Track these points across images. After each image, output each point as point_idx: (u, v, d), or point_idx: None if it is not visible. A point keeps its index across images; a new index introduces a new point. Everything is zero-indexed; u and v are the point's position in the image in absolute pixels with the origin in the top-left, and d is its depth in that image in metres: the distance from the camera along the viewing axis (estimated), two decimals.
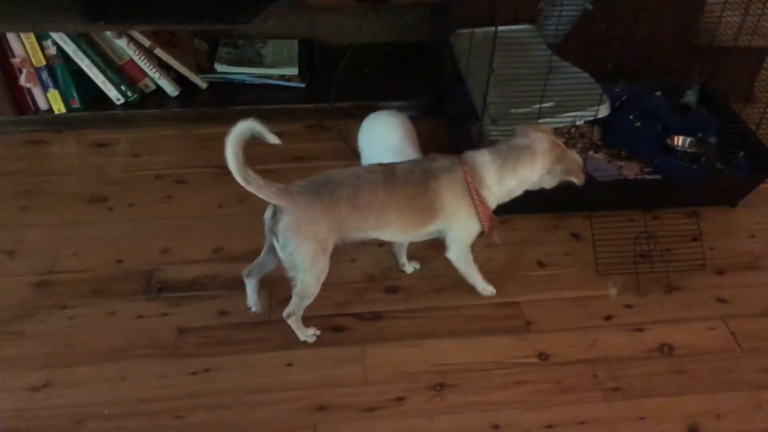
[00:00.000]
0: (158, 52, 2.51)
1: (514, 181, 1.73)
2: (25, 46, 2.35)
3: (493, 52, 1.78)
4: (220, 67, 2.66)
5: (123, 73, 2.50)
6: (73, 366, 1.73)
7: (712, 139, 2.37)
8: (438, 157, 1.74)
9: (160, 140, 2.51)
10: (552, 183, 1.77)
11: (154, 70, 2.52)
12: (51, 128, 2.51)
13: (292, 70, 2.68)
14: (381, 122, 2.15)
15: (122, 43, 2.44)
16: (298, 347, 1.79)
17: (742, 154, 2.27)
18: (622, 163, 2.32)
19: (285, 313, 1.75)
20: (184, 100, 2.60)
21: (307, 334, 1.80)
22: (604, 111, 2.11)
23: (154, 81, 2.56)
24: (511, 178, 1.72)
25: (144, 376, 1.72)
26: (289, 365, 1.75)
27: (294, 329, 1.78)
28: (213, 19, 2.22)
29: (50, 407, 1.64)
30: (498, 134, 1.92)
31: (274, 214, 1.62)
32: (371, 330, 1.85)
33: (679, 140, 2.37)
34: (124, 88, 2.50)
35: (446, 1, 2.39)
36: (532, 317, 1.89)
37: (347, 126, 2.56)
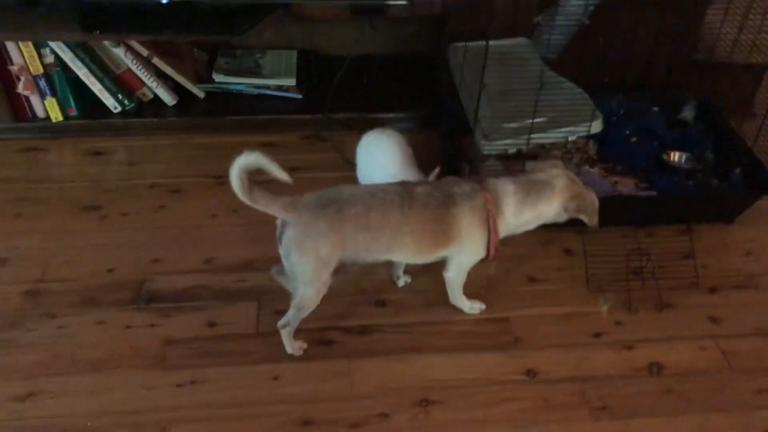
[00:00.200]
0: (156, 61, 2.52)
1: (531, 215, 1.73)
2: (23, 54, 2.36)
3: (484, 67, 1.78)
4: (218, 77, 2.67)
5: (121, 82, 2.51)
6: (59, 376, 1.73)
7: (709, 155, 2.36)
8: (460, 182, 1.73)
9: (157, 149, 2.52)
10: (565, 218, 1.77)
11: (152, 80, 2.53)
12: (48, 136, 2.51)
13: (290, 81, 2.68)
14: (379, 145, 2.11)
15: (120, 53, 2.45)
16: (285, 360, 1.78)
17: (739, 170, 2.25)
18: (618, 179, 2.31)
19: (280, 323, 1.74)
20: (182, 110, 2.60)
21: (294, 347, 1.79)
22: (597, 127, 2.10)
23: (152, 90, 2.57)
24: (529, 211, 1.72)
25: (129, 387, 1.71)
26: (276, 378, 1.75)
27: (283, 341, 1.78)
28: (208, 31, 2.23)
29: (33, 417, 1.63)
30: (490, 149, 1.91)
31: (283, 222, 1.62)
32: (359, 344, 1.84)
33: (675, 156, 2.37)
34: (122, 96, 2.51)
35: (443, 13, 2.38)
36: (521, 333, 1.88)
37: (343, 137, 2.57)
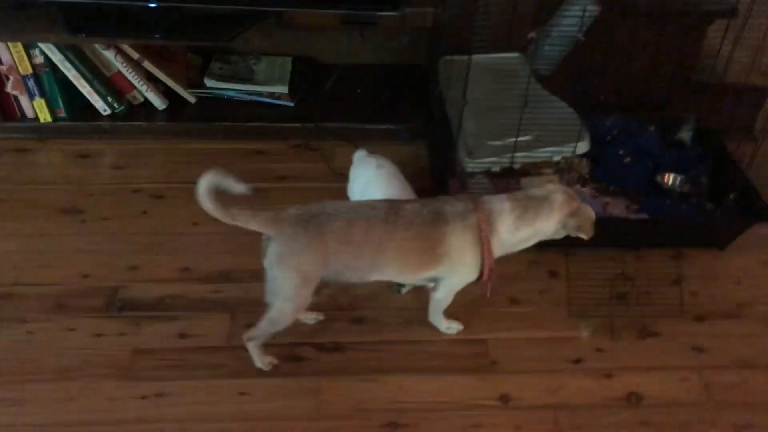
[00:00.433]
0: (147, 65, 2.49)
1: (529, 232, 1.68)
2: (12, 54, 2.35)
3: (467, 82, 1.74)
4: (210, 82, 2.64)
5: (111, 85, 2.50)
6: (23, 383, 1.71)
7: (704, 179, 2.30)
8: (451, 200, 1.68)
9: (144, 153, 2.49)
10: (562, 235, 1.72)
11: (142, 83, 2.51)
12: (36, 136, 2.50)
13: (282, 89, 2.65)
14: (374, 176, 1.98)
15: (110, 55, 2.43)
16: (254, 376, 1.75)
17: (733, 196, 2.19)
18: (609, 199, 2.26)
19: (246, 336, 1.71)
20: (172, 114, 2.58)
21: (263, 362, 1.75)
22: (583, 147, 2.05)
23: (142, 93, 2.55)
24: (527, 229, 1.67)
25: (94, 397, 1.69)
26: (243, 394, 1.71)
27: (251, 354, 1.74)
28: (196, 36, 2.21)
29: None
30: (473, 166, 1.87)
31: (267, 236, 1.59)
32: (330, 362, 1.80)
33: (670, 178, 2.31)
34: (111, 99, 2.49)
35: (435, 26, 2.34)
36: (498, 356, 1.83)
37: (333, 147, 2.54)
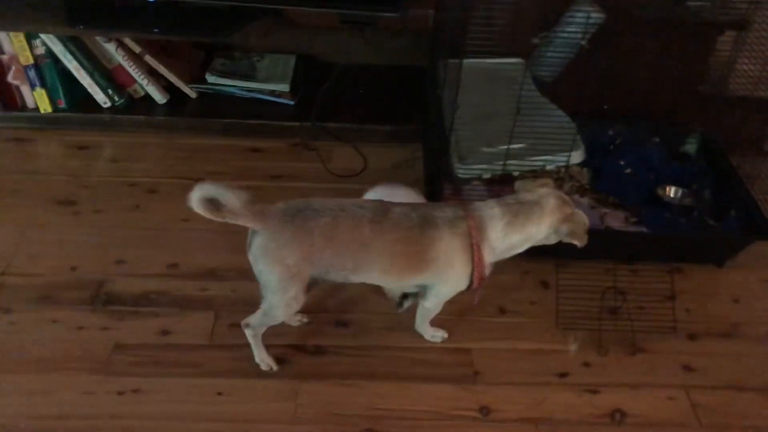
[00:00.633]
0: (148, 59, 2.50)
1: (519, 238, 1.64)
2: (13, 44, 2.36)
3: (458, 86, 1.71)
4: (211, 78, 2.64)
5: (112, 78, 2.50)
6: (2, 373, 1.71)
7: (707, 193, 2.26)
8: (441, 206, 1.65)
9: (142, 147, 2.49)
10: (555, 241, 1.68)
11: (143, 77, 2.51)
12: (36, 126, 2.51)
13: (283, 87, 2.64)
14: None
15: (111, 48, 2.43)
16: (233, 376, 1.73)
17: (734, 212, 2.14)
18: (607, 211, 2.21)
19: (243, 322, 1.69)
20: (172, 109, 2.58)
21: (263, 360, 1.74)
22: (578, 157, 2.01)
23: (143, 87, 2.55)
24: (517, 234, 1.63)
25: (70, 391, 1.68)
26: (219, 394, 1.70)
27: (252, 346, 1.72)
28: (194, 32, 2.20)
29: None
30: (464, 172, 1.84)
31: (253, 230, 1.57)
32: (311, 365, 1.78)
33: (671, 191, 2.27)
34: (111, 92, 2.49)
35: (435, 28, 2.32)
36: (482, 367, 1.80)
37: (331, 147, 2.52)
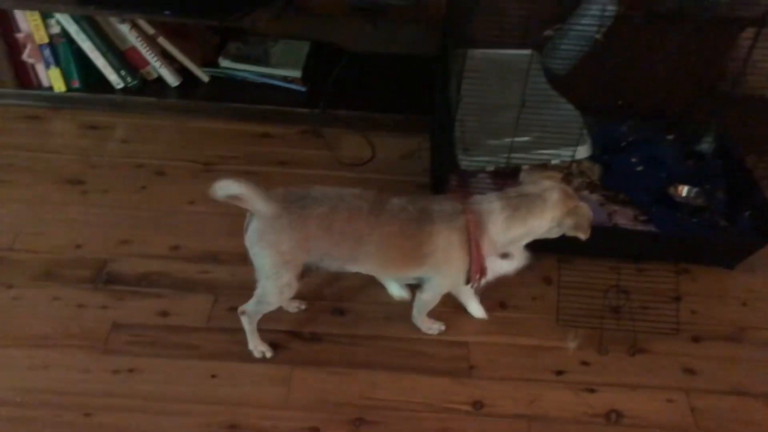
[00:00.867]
0: (161, 41, 2.50)
1: (520, 232, 1.61)
2: (29, 23, 2.38)
3: (461, 78, 1.68)
4: (224, 62, 2.64)
5: (125, 59, 2.51)
6: (1, 348, 1.73)
7: (720, 194, 2.20)
8: (440, 200, 1.63)
9: (153, 129, 2.50)
10: (558, 234, 1.65)
11: (156, 59, 2.52)
12: (49, 105, 2.54)
13: (296, 73, 2.63)
14: None
15: (125, 29, 2.44)
16: (227, 359, 1.74)
17: (749, 213, 2.09)
18: (616, 208, 2.18)
19: (240, 309, 1.69)
20: (184, 92, 2.58)
21: (256, 347, 1.74)
22: (584, 152, 1.97)
23: (156, 69, 2.55)
24: (518, 228, 1.60)
25: (67, 367, 1.70)
26: (213, 377, 1.70)
27: (247, 333, 1.73)
28: (205, 14, 2.19)
29: None
30: (467, 164, 1.81)
31: (251, 213, 1.57)
32: (305, 351, 1.78)
33: (683, 190, 2.22)
34: (124, 73, 2.51)
35: (447, 17, 2.29)
36: (478, 361, 1.78)
37: (341, 135, 2.51)
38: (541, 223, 1.61)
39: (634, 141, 2.31)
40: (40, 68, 2.49)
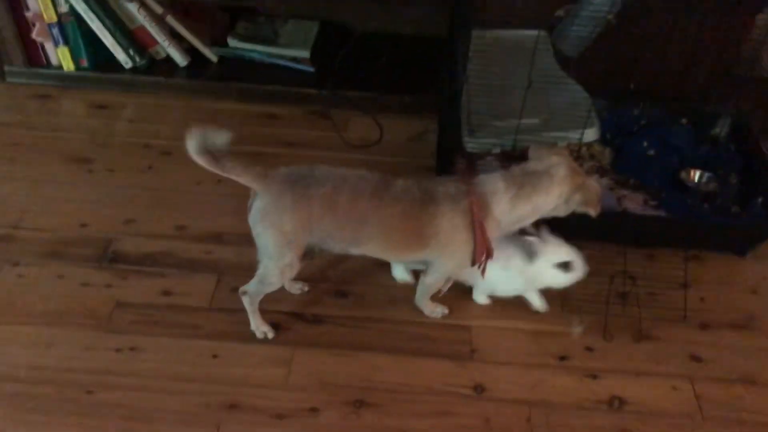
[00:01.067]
0: (170, 20, 2.49)
1: (526, 210, 1.58)
2: (38, 1, 2.37)
3: (467, 58, 1.65)
4: (233, 42, 2.62)
5: (134, 38, 2.50)
6: (6, 325, 1.74)
7: (733, 179, 2.16)
8: (444, 181, 1.61)
9: (161, 109, 2.50)
10: (566, 212, 1.62)
11: (164, 38, 2.51)
12: (58, 84, 2.54)
13: (304, 53, 2.61)
14: None
15: (133, 8, 2.43)
16: (229, 339, 1.74)
17: (762, 199, 2.05)
18: (626, 193, 2.14)
19: (241, 289, 1.69)
20: (192, 72, 2.58)
21: (258, 327, 1.74)
22: (592, 135, 1.93)
23: (164, 49, 2.55)
24: (524, 205, 1.57)
25: (70, 345, 1.71)
26: (215, 356, 1.71)
27: (248, 313, 1.72)
28: None
29: None
30: (473, 146, 1.79)
31: (254, 192, 1.57)
32: (307, 333, 1.77)
33: (696, 175, 2.18)
34: (133, 52, 2.50)
35: None
36: (480, 345, 1.77)
37: (348, 117, 2.49)
38: (547, 200, 1.58)
39: (647, 125, 2.27)
40: (50, 47, 2.50)
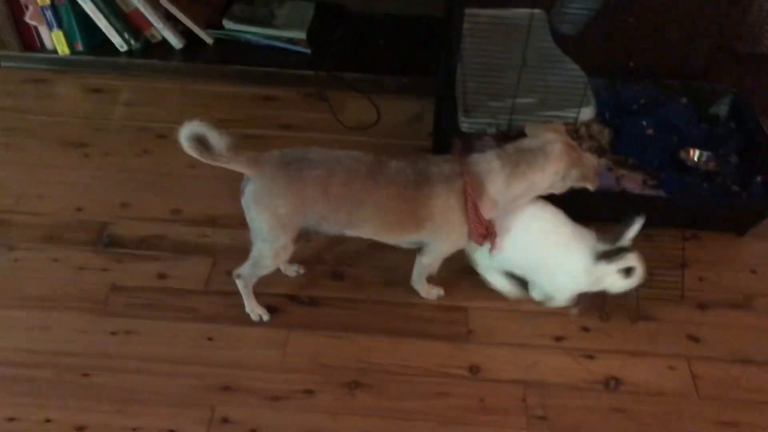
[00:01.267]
0: (165, 2, 2.47)
1: (523, 187, 1.57)
2: None
3: (460, 37, 1.63)
4: (228, 24, 2.60)
5: (128, 21, 2.49)
6: (2, 309, 1.75)
7: (733, 158, 2.14)
8: (438, 161, 1.59)
9: (156, 92, 2.49)
10: (563, 188, 1.61)
11: (159, 21, 2.49)
12: (53, 68, 2.53)
13: (300, 34, 2.59)
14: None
15: None
16: (224, 322, 1.74)
17: (761, 178, 2.03)
18: (624, 172, 2.12)
19: (234, 272, 1.69)
20: (188, 55, 2.56)
21: (253, 309, 1.74)
22: (587, 114, 1.92)
23: (160, 32, 2.53)
24: (520, 183, 1.56)
25: (66, 328, 1.71)
26: (210, 339, 1.71)
27: (243, 296, 1.72)
28: None
29: None
30: (468, 126, 1.77)
31: (247, 176, 1.56)
32: (303, 315, 1.77)
33: (695, 154, 2.15)
34: (128, 35, 2.48)
35: None
36: (476, 326, 1.76)
37: (345, 98, 2.47)
38: (543, 177, 1.57)
39: (646, 104, 2.25)
40: (44, 30, 2.48)
